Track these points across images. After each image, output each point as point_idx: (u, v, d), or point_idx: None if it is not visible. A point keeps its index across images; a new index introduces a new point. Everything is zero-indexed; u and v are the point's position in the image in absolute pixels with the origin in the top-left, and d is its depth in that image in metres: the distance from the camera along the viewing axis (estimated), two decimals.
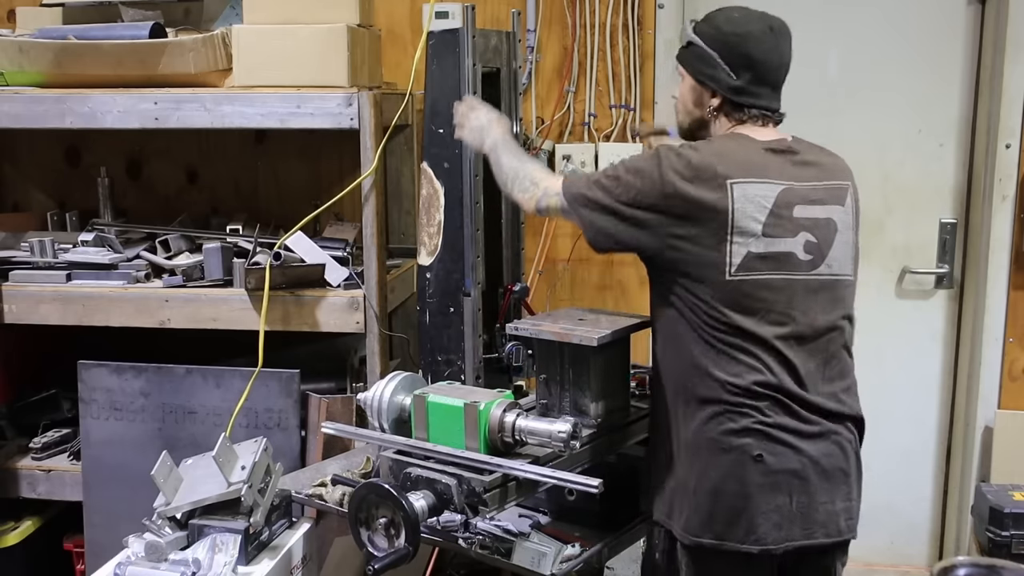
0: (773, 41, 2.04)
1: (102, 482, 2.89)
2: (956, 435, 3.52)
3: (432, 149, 2.43)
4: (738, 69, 2.02)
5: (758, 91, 2.04)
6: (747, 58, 2.01)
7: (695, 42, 2.06)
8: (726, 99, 2.05)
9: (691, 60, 2.09)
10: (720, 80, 2.04)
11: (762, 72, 2.03)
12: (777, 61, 2.05)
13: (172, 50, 2.78)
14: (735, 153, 1.97)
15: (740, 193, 1.91)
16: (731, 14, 2.06)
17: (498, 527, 2.12)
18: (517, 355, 2.46)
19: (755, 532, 1.92)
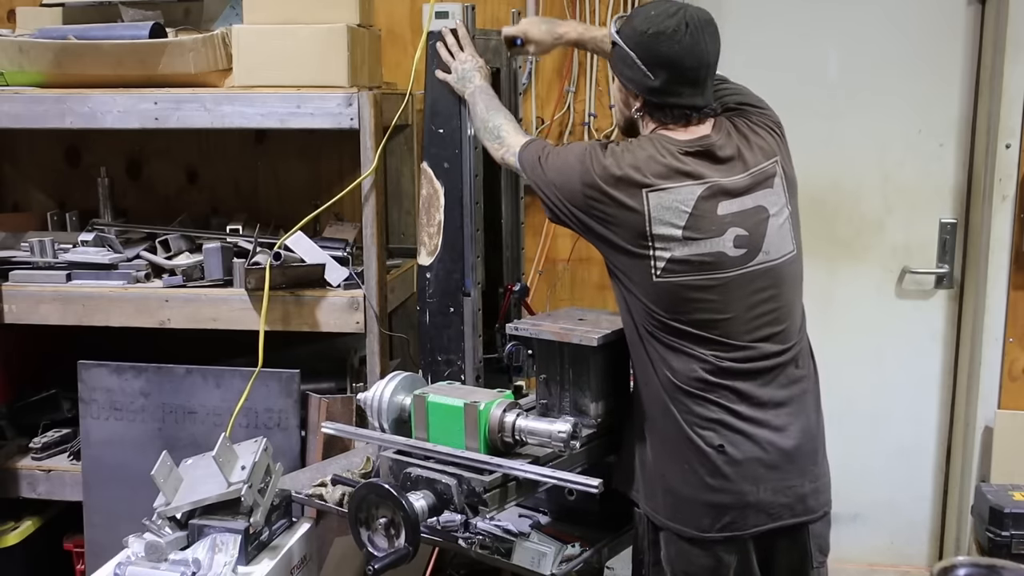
0: (689, 39, 1.96)
1: (102, 482, 2.89)
2: (956, 435, 3.52)
3: (432, 149, 2.43)
4: (655, 69, 1.97)
5: (678, 90, 1.99)
6: (662, 58, 1.96)
7: (617, 43, 2.03)
8: (647, 100, 2.03)
9: (615, 62, 2.07)
10: (639, 81, 2.01)
11: (679, 71, 1.97)
12: (695, 59, 1.97)
13: (172, 50, 2.78)
14: (651, 160, 1.95)
15: (656, 201, 1.92)
16: (648, 11, 2.00)
17: (498, 527, 2.12)
18: (517, 355, 2.45)
19: (721, 520, 1.96)
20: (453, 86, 2.35)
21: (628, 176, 1.93)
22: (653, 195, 1.92)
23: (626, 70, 2.03)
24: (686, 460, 1.97)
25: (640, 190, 1.92)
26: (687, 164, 1.95)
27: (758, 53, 3.42)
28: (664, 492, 2.01)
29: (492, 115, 2.25)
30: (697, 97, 2.00)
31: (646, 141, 2.01)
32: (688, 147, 1.98)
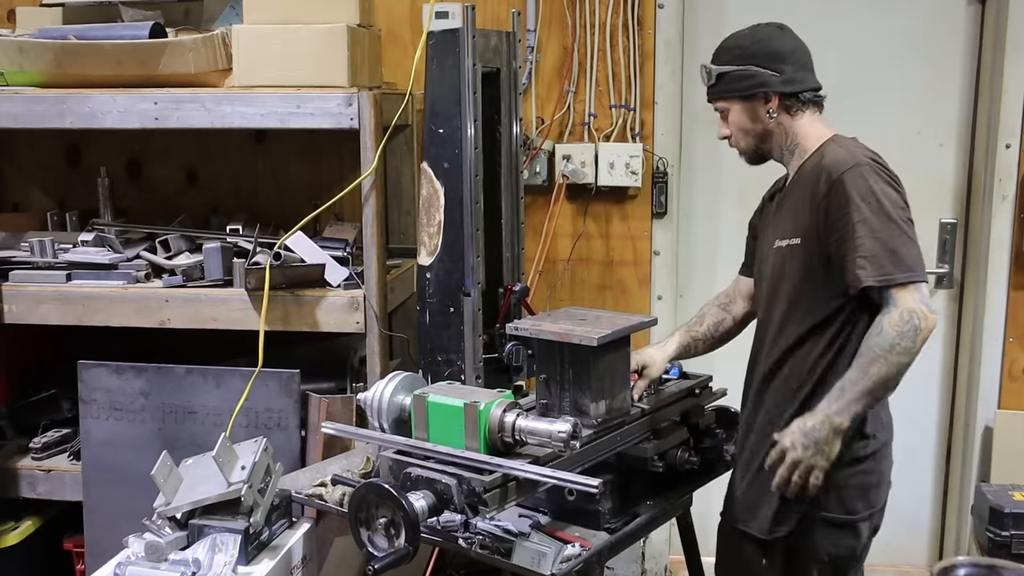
0: (788, 34, 2.20)
1: (102, 482, 2.89)
2: (956, 435, 3.52)
3: (432, 149, 2.43)
4: (778, 65, 2.13)
5: (804, 76, 2.16)
6: (779, 53, 2.14)
7: (725, 71, 2.16)
8: (782, 95, 2.13)
9: (732, 86, 2.16)
10: (768, 82, 2.13)
11: (798, 58, 2.16)
12: (803, 47, 2.19)
13: (172, 50, 2.78)
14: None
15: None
16: (738, 35, 2.20)
17: (498, 527, 2.12)
18: (517, 355, 2.45)
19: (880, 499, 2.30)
20: (815, 450, 1.99)
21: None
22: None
23: (749, 82, 2.14)
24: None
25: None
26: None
27: None
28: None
29: (875, 361, 1.94)
30: (816, 80, 2.18)
31: (863, 148, 2.12)
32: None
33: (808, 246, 2.06)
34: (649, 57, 3.34)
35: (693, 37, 3.42)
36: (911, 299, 1.92)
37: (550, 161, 3.39)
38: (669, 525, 3.31)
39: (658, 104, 3.34)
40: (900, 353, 1.91)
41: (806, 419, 2.00)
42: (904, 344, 1.91)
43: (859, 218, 1.96)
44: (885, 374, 1.93)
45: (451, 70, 2.38)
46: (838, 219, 1.99)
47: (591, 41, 3.33)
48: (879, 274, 1.93)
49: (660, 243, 3.43)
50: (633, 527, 2.21)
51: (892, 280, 1.93)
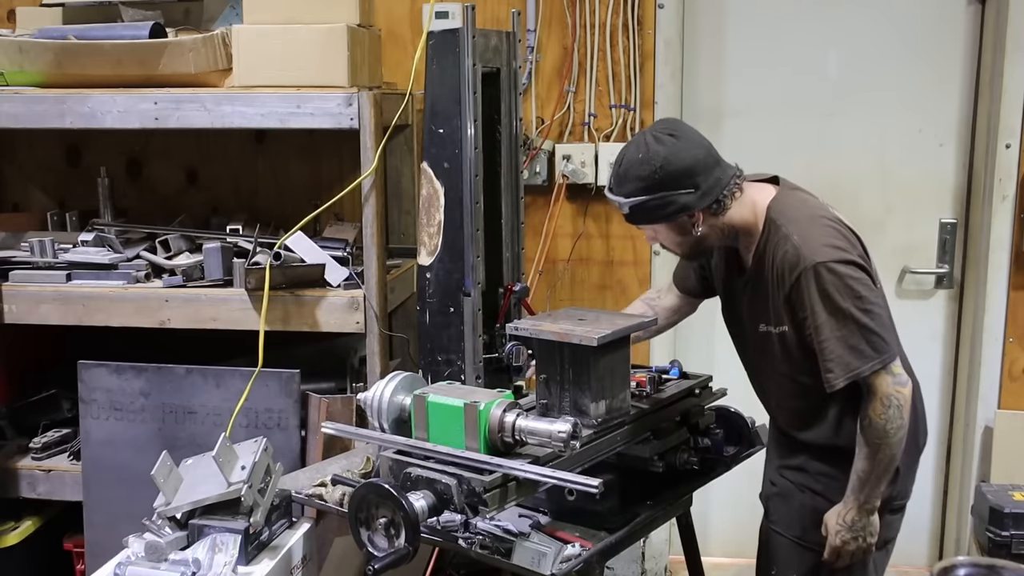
0: (682, 143, 2.08)
1: (102, 482, 2.89)
2: (956, 435, 3.52)
3: (432, 149, 2.43)
4: (688, 183, 2.07)
5: (717, 176, 2.10)
6: (684, 172, 2.06)
7: (636, 203, 2.10)
8: (705, 209, 2.10)
9: (650, 215, 2.12)
10: (687, 204, 2.09)
11: (704, 166, 2.08)
12: (703, 149, 2.10)
13: (172, 50, 2.78)
14: (842, 238, 2.11)
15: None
16: (633, 158, 2.09)
17: (498, 527, 2.12)
18: (517, 355, 2.45)
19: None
20: (864, 534, 2.14)
21: (862, 265, 2.09)
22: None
23: (667, 208, 2.09)
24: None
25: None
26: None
27: (759, 52, 3.43)
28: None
29: (878, 454, 2.07)
30: (727, 167, 2.13)
31: (804, 222, 2.10)
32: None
33: (794, 334, 2.13)
34: (649, 57, 3.34)
35: (693, 37, 3.42)
36: (884, 384, 2.04)
37: (550, 161, 3.39)
38: (669, 525, 3.31)
39: (658, 104, 3.34)
40: (895, 432, 2.05)
41: (843, 513, 2.13)
42: (894, 424, 2.04)
43: (818, 322, 2.04)
44: (891, 454, 2.07)
45: (451, 70, 2.38)
46: (802, 320, 2.08)
47: (591, 41, 3.33)
48: (846, 373, 2.04)
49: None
50: (633, 527, 2.21)
51: (859, 374, 2.04)
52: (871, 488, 2.08)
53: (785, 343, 2.15)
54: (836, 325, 2.02)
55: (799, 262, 2.04)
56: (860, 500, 2.10)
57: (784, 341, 2.15)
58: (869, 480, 2.08)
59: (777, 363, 2.20)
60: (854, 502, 2.11)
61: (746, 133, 3.44)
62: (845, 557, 2.15)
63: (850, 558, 2.15)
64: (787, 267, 2.06)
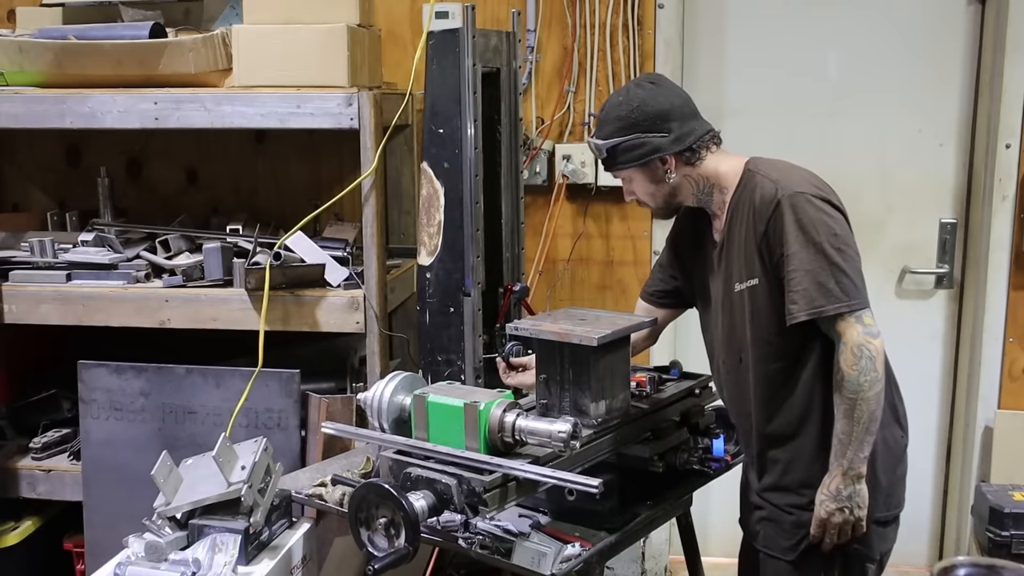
0: (664, 88, 2.14)
1: (102, 482, 2.89)
2: (956, 435, 3.52)
3: (432, 149, 2.43)
4: (665, 126, 2.10)
5: (692, 126, 2.12)
6: (662, 114, 2.10)
7: (613, 144, 2.12)
8: (678, 153, 2.11)
9: (624, 156, 2.13)
10: (660, 146, 2.10)
11: (681, 113, 2.12)
12: (680, 98, 2.15)
13: (172, 50, 2.78)
14: (812, 178, 2.12)
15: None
16: (613, 101, 2.14)
17: (498, 527, 2.12)
18: (517, 354, 2.45)
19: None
20: (850, 505, 2.06)
21: (840, 208, 2.09)
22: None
23: (640, 150, 2.11)
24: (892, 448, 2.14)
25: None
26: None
27: (759, 52, 3.43)
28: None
29: (859, 416, 2.00)
30: (706, 123, 2.15)
31: (785, 168, 2.11)
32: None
33: (766, 284, 2.08)
34: (649, 57, 3.34)
35: (693, 37, 3.42)
36: (854, 332, 1.98)
37: (550, 161, 3.39)
38: (669, 525, 3.31)
39: None
40: (869, 385, 1.99)
41: (827, 483, 2.06)
42: (868, 377, 1.98)
43: (789, 252, 2.00)
44: (869, 409, 2.00)
45: (451, 70, 2.39)
46: (778, 257, 2.04)
47: (591, 41, 3.33)
48: (809, 307, 1.99)
49: (660, 243, 3.42)
50: (633, 527, 2.21)
51: (822, 312, 1.98)
52: (853, 451, 2.00)
53: (755, 298, 2.09)
54: (807, 258, 1.97)
55: (777, 192, 2.02)
56: (844, 466, 2.01)
57: (754, 296, 2.09)
58: (851, 442, 2.00)
59: (748, 329, 2.13)
60: (837, 468, 2.03)
61: (746, 133, 3.43)
62: (832, 531, 2.07)
63: (838, 533, 2.07)
64: (765, 199, 2.03)
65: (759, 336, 2.12)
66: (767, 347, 2.12)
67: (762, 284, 2.08)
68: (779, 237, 2.01)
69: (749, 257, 2.09)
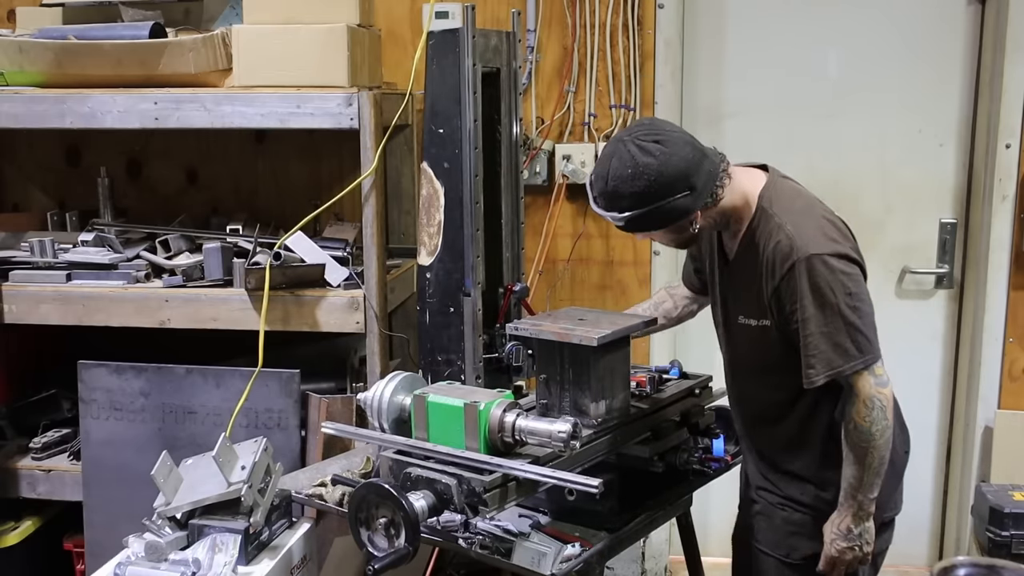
0: (670, 149, 1.99)
1: (102, 482, 2.89)
2: (956, 435, 3.52)
3: (432, 149, 2.43)
4: (682, 186, 1.99)
5: (708, 168, 2.03)
6: (678, 178, 1.99)
7: (632, 218, 2.02)
8: (703, 205, 2.05)
9: (645, 225, 2.05)
10: (686, 207, 2.02)
11: (695, 167, 2.01)
12: (689, 147, 2.02)
13: (172, 50, 2.78)
14: (833, 230, 2.09)
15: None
16: (622, 173, 1.99)
17: (498, 527, 2.12)
18: (517, 355, 2.45)
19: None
20: (859, 543, 2.11)
21: (856, 260, 2.07)
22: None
23: (664, 216, 2.02)
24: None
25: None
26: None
27: (759, 52, 3.43)
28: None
29: (869, 462, 2.04)
30: (713, 156, 2.07)
31: (798, 214, 2.06)
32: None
33: (776, 331, 2.10)
34: (649, 57, 3.34)
35: (693, 37, 3.42)
36: (866, 386, 2.02)
37: (550, 161, 3.39)
38: (669, 525, 3.31)
39: (658, 104, 3.34)
40: (880, 434, 2.03)
41: (837, 522, 2.10)
42: (879, 426, 2.02)
43: (806, 316, 2.01)
44: (879, 456, 2.04)
45: (451, 70, 2.38)
46: (789, 313, 2.05)
47: (591, 41, 3.33)
48: (827, 370, 2.02)
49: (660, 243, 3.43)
50: (633, 527, 2.21)
51: (840, 373, 2.02)
52: (864, 494, 2.05)
53: (765, 337, 2.12)
54: (824, 320, 1.99)
55: (792, 252, 2.00)
56: (854, 508, 2.07)
57: (765, 335, 2.12)
58: (861, 486, 2.05)
59: (752, 357, 2.19)
60: (847, 510, 2.08)
61: (746, 133, 3.44)
62: (841, 567, 2.12)
63: (846, 568, 2.13)
64: (779, 257, 2.02)
65: (764, 367, 2.18)
66: (770, 377, 2.17)
67: (772, 330, 2.11)
68: (792, 296, 2.02)
69: (759, 300, 2.10)
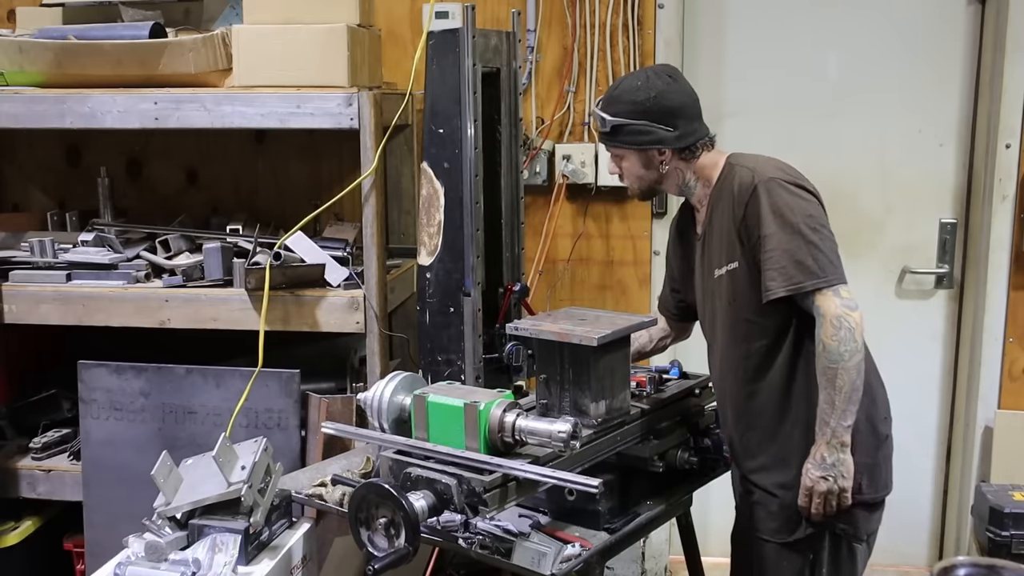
0: (679, 84, 2.23)
1: (102, 482, 2.89)
2: (956, 435, 3.52)
3: (432, 149, 2.43)
4: (670, 121, 2.19)
5: (695, 127, 2.23)
6: (672, 110, 2.19)
7: (619, 123, 2.21)
8: (676, 149, 2.21)
9: (625, 138, 2.22)
10: (662, 139, 2.20)
11: (689, 113, 2.22)
12: (692, 98, 2.24)
13: (172, 50, 2.78)
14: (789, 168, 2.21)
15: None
16: (632, 84, 2.21)
17: (498, 527, 2.12)
18: (517, 355, 2.46)
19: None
20: (835, 473, 2.11)
21: (815, 193, 2.17)
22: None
23: (643, 137, 2.21)
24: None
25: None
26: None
27: (759, 52, 3.43)
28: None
29: (842, 384, 2.05)
30: (705, 127, 2.26)
31: (761, 158, 2.21)
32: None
33: (745, 267, 2.15)
34: (649, 57, 3.34)
35: (693, 37, 3.42)
36: (832, 305, 2.05)
37: (550, 161, 3.39)
38: (669, 525, 3.31)
39: None
40: (850, 356, 2.04)
41: (813, 452, 2.13)
42: (848, 347, 2.04)
43: (766, 233, 2.08)
44: (850, 379, 2.05)
45: (451, 70, 2.39)
46: (756, 240, 2.11)
47: (591, 41, 3.33)
48: (787, 284, 2.07)
49: (660, 243, 3.43)
50: (633, 527, 2.21)
51: (800, 287, 2.06)
52: (836, 420, 2.06)
53: (735, 281, 2.17)
54: (784, 238, 2.06)
55: (754, 179, 2.12)
56: (827, 434, 2.08)
57: (734, 279, 2.17)
58: (833, 411, 2.06)
59: (729, 311, 2.20)
60: (821, 437, 2.10)
61: (746, 134, 3.43)
62: (818, 500, 2.12)
63: (824, 503, 2.12)
64: (743, 187, 2.13)
65: (740, 316, 2.19)
66: (747, 326, 2.19)
67: (742, 267, 2.16)
68: (756, 219, 2.10)
69: (729, 242, 2.17)
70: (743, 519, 2.35)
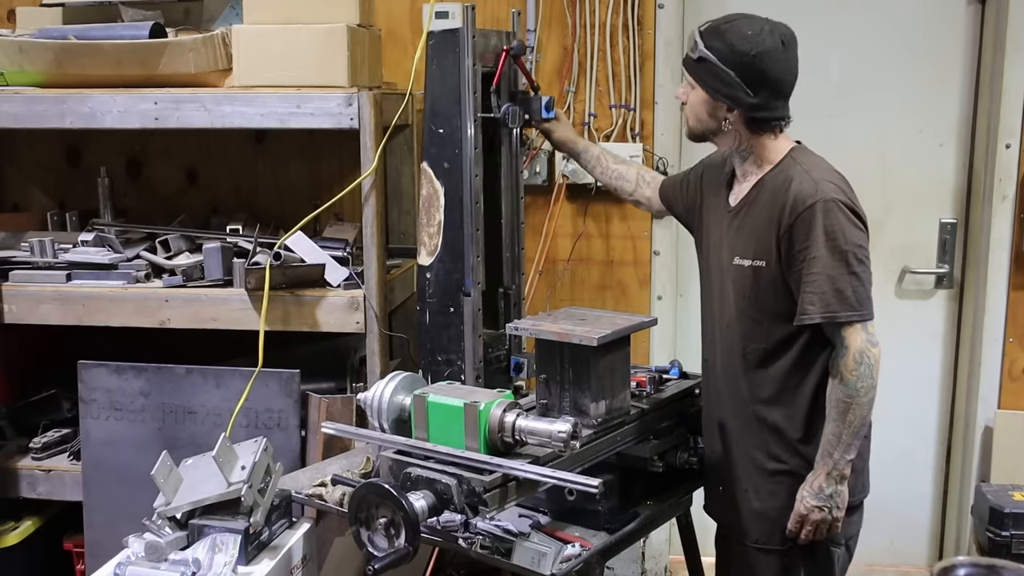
0: (785, 56, 2.12)
1: (102, 482, 2.89)
2: (956, 435, 3.52)
3: (432, 149, 2.43)
4: (756, 87, 2.09)
5: (775, 104, 2.13)
6: (764, 76, 2.08)
7: (708, 58, 2.10)
8: (745, 115, 2.12)
9: (704, 75, 2.12)
10: (738, 98, 2.10)
11: (778, 88, 2.12)
12: (791, 75, 2.15)
13: (172, 50, 2.78)
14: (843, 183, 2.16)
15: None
16: (743, 29, 2.08)
17: (498, 527, 2.12)
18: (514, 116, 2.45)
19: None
20: (831, 505, 2.10)
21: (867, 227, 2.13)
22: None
23: (722, 86, 2.10)
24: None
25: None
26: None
27: None
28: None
29: (850, 419, 2.04)
30: (787, 109, 2.17)
31: (826, 169, 2.15)
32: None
33: (774, 271, 2.12)
34: (649, 57, 3.34)
35: None
36: (858, 339, 2.03)
37: (550, 161, 3.39)
38: (669, 525, 3.31)
39: (658, 104, 3.34)
40: (865, 392, 2.04)
41: (811, 480, 2.11)
42: (865, 383, 2.03)
43: (815, 254, 2.04)
44: (861, 415, 2.05)
45: (451, 70, 2.38)
46: (798, 252, 2.07)
47: (591, 41, 3.33)
48: (823, 311, 2.04)
49: (660, 243, 3.43)
50: (633, 527, 2.21)
51: (835, 318, 2.03)
52: (840, 453, 2.05)
53: (757, 279, 2.13)
54: (831, 264, 2.02)
55: (815, 193, 2.05)
56: (829, 465, 2.07)
57: (757, 277, 2.13)
58: (839, 444, 2.05)
59: (761, 303, 2.16)
60: (822, 468, 2.08)
61: None
62: (809, 528, 2.11)
63: (815, 531, 2.11)
64: (800, 197, 2.06)
65: (749, 315, 2.17)
66: (754, 327, 2.16)
67: (768, 270, 2.11)
68: (805, 235, 2.04)
69: (764, 240, 2.12)
70: (730, 525, 2.33)
